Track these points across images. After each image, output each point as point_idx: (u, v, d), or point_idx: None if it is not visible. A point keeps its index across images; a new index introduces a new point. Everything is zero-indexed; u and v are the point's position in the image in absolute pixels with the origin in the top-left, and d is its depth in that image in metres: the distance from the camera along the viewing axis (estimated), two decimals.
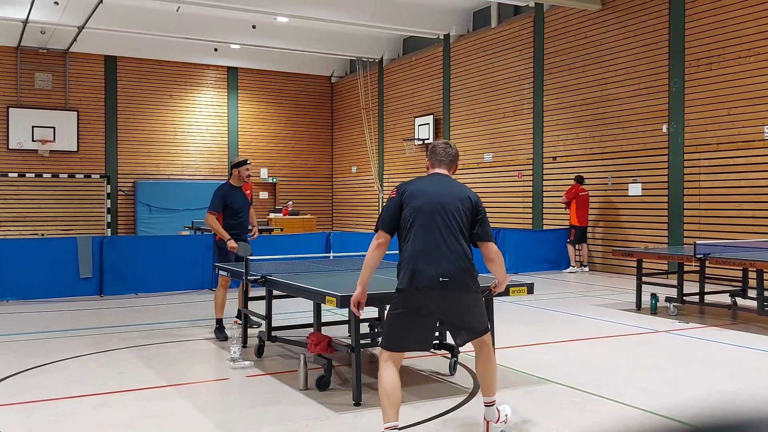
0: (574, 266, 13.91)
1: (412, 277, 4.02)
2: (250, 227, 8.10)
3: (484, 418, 4.37)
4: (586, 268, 14.01)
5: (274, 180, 23.02)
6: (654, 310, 8.84)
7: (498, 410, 4.37)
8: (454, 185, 4.30)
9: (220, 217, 7.71)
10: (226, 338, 7.19)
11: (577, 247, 14.05)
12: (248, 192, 8.23)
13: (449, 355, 5.85)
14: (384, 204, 4.23)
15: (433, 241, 4.07)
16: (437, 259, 4.03)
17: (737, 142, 11.60)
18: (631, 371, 5.99)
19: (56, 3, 16.06)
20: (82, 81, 20.36)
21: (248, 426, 4.56)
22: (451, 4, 17.79)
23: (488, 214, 4.38)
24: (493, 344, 5.54)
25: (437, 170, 4.37)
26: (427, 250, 4.05)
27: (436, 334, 5.11)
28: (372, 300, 5.50)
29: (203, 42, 19.89)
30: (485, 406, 4.36)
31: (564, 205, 14.06)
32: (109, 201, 20.55)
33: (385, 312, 4.26)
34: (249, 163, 8.06)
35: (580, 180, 13.90)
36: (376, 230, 4.22)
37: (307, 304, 7.19)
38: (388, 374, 4.05)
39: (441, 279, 4.00)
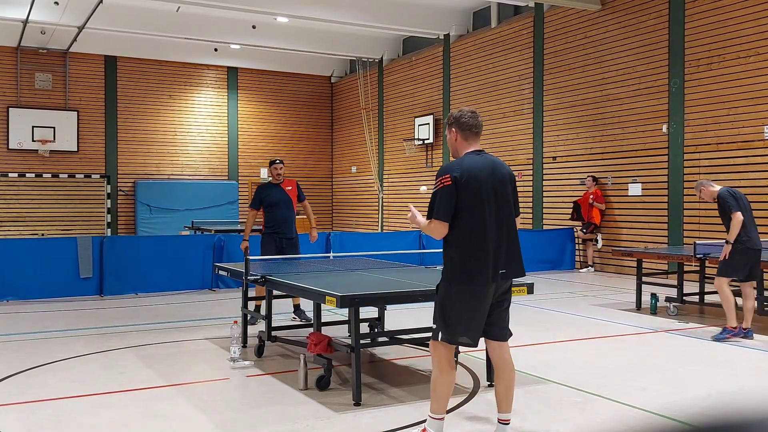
0: (592, 266, 14.07)
1: (473, 274, 3.96)
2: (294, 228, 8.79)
3: None
4: (593, 269, 14.12)
5: None
6: (654, 310, 8.84)
7: None
8: (497, 164, 4.17)
9: (262, 213, 8.60)
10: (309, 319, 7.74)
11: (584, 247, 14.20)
12: (289, 188, 8.52)
13: None
14: (438, 191, 3.98)
15: (493, 235, 4.00)
16: (498, 254, 4.01)
17: (737, 142, 11.60)
18: (631, 371, 5.99)
19: (56, 3, 16.06)
20: (82, 81, 20.36)
21: (248, 426, 4.56)
22: (451, 4, 17.79)
23: None
24: None
25: (473, 146, 4.20)
26: (489, 247, 3.97)
27: None
28: (374, 300, 5.52)
29: (203, 42, 19.89)
30: (502, 423, 4.16)
31: (593, 208, 13.94)
32: (109, 201, 20.55)
33: (437, 304, 4.13)
34: (279, 162, 8.83)
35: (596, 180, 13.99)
36: (434, 217, 3.98)
37: (307, 304, 7.19)
38: (453, 373, 4.10)
39: (501, 272, 4.03)
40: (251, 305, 8.12)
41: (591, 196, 13.78)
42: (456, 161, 4.13)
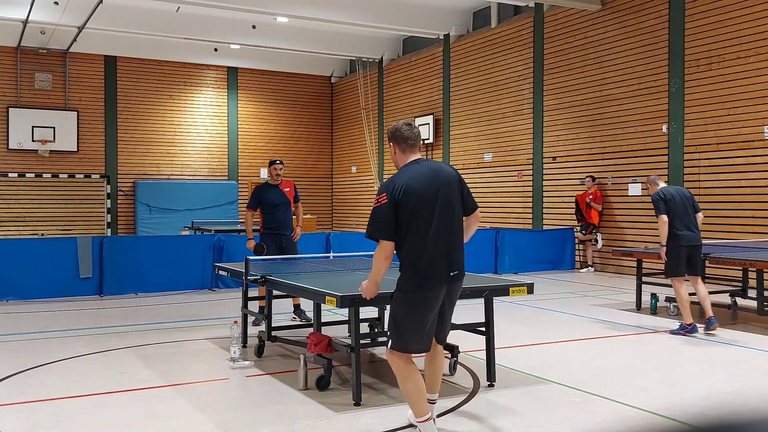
0: (592, 266, 14.14)
1: (426, 279, 4.07)
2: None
3: (435, 416, 4.33)
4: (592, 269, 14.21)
5: None
6: (654, 310, 8.85)
7: None
8: (438, 170, 4.24)
9: (260, 214, 8.60)
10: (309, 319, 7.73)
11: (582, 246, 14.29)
12: (287, 189, 8.52)
13: (449, 355, 5.85)
14: (376, 210, 4.12)
15: (442, 239, 4.11)
16: (448, 257, 4.12)
17: (737, 142, 11.60)
18: (631, 371, 5.99)
19: (56, 3, 16.06)
20: (82, 81, 20.36)
21: (248, 426, 4.56)
22: (451, 4, 17.79)
23: (488, 214, 4.39)
24: (494, 344, 5.55)
25: (411, 156, 4.30)
26: (438, 251, 4.09)
27: None
28: (374, 300, 5.50)
29: (203, 42, 19.89)
30: (433, 403, 4.39)
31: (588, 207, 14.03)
32: (109, 201, 20.55)
33: (390, 313, 4.29)
34: (279, 163, 8.77)
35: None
36: (375, 238, 4.08)
37: (307, 304, 7.19)
38: (415, 371, 4.18)
39: (451, 273, 4.13)
40: (255, 306, 8.13)
41: (589, 196, 13.81)
42: (393, 177, 4.23)
